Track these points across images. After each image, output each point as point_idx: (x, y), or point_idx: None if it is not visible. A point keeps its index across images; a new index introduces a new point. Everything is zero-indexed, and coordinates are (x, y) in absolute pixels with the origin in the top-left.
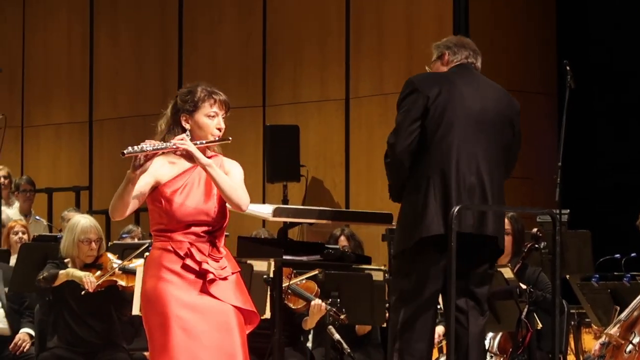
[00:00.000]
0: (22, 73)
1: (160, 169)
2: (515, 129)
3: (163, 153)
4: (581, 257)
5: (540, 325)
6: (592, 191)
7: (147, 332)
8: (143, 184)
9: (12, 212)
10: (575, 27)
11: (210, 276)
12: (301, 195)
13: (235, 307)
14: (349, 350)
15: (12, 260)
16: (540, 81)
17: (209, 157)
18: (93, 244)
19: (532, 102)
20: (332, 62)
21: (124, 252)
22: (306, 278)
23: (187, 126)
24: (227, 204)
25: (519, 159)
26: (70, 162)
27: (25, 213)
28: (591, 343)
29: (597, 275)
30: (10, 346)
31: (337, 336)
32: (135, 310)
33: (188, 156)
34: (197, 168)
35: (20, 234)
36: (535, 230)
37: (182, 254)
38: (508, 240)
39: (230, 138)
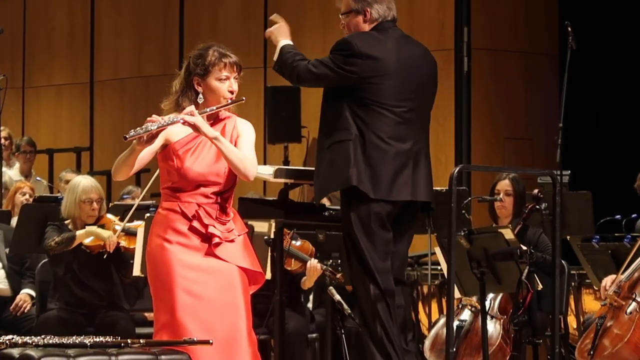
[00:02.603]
0: (23, 34)
1: (171, 127)
2: (435, 88)
3: (177, 111)
4: (582, 218)
5: (540, 286)
6: (594, 152)
7: (152, 292)
8: (152, 145)
9: (12, 172)
10: None
11: (216, 240)
12: (302, 156)
13: (241, 267)
14: (349, 311)
15: (13, 222)
16: (542, 42)
17: (223, 119)
18: (95, 204)
19: (534, 63)
20: (334, 22)
21: (125, 213)
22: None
23: (200, 89)
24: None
25: (520, 120)
26: (71, 123)
27: (26, 174)
28: (591, 304)
29: (598, 237)
30: (11, 307)
31: (337, 297)
32: (137, 271)
33: (194, 127)
34: None
35: (27, 196)
36: (536, 191)
37: (189, 215)
38: (509, 201)
39: (244, 98)
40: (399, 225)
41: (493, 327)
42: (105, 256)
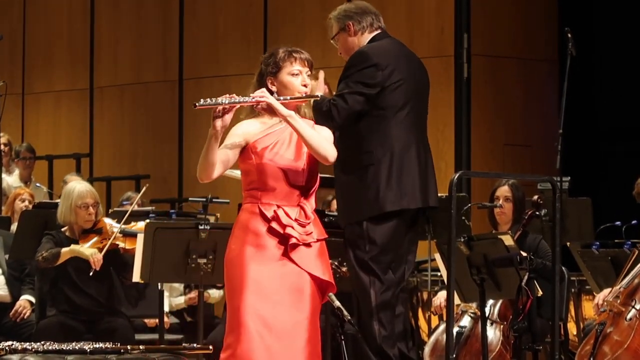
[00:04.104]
0: (23, 40)
1: (250, 128)
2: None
3: (255, 114)
4: (582, 224)
5: (540, 293)
6: (593, 158)
7: (226, 292)
8: (232, 145)
9: (12, 179)
10: None
11: (293, 240)
12: None
13: (313, 275)
14: (349, 317)
15: (13, 228)
16: (541, 48)
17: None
18: (91, 208)
19: (533, 70)
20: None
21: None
22: None
23: (274, 88)
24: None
25: (520, 127)
26: (71, 129)
27: (26, 180)
28: (591, 310)
29: (598, 243)
30: (11, 313)
31: (337, 303)
32: (136, 277)
33: (267, 106)
34: (288, 127)
35: (27, 202)
36: (535, 197)
37: (269, 216)
38: (509, 207)
39: (319, 94)
40: (408, 233)
41: (493, 334)
42: (91, 273)
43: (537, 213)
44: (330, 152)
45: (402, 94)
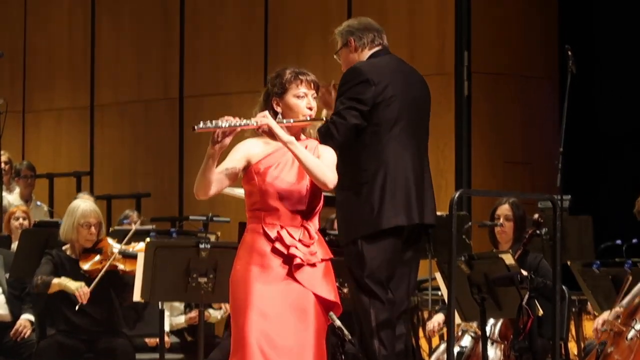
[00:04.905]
0: (24, 58)
1: (253, 148)
2: (429, 113)
3: (256, 134)
4: (582, 243)
5: (541, 312)
6: (594, 177)
7: (231, 313)
8: (234, 163)
9: (12, 197)
10: (577, 12)
11: (297, 261)
12: None
13: (318, 296)
14: (349, 337)
15: (14, 246)
16: (541, 66)
17: (302, 140)
18: (93, 228)
19: (533, 87)
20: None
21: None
22: None
23: (279, 109)
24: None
25: (520, 144)
26: (71, 147)
27: (26, 198)
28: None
29: (599, 262)
30: (11, 332)
31: (338, 322)
32: (137, 297)
33: (268, 129)
34: None
35: (21, 220)
36: (536, 216)
37: (272, 237)
38: (509, 226)
39: (324, 117)
40: (407, 251)
41: (494, 353)
42: (77, 307)
43: (538, 232)
44: (329, 178)
45: (395, 109)
